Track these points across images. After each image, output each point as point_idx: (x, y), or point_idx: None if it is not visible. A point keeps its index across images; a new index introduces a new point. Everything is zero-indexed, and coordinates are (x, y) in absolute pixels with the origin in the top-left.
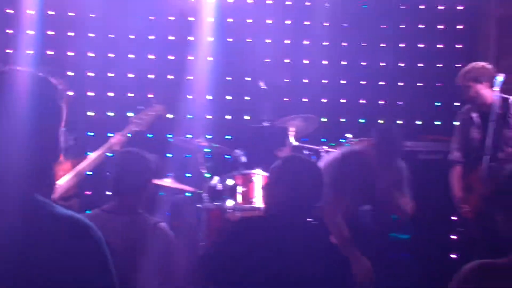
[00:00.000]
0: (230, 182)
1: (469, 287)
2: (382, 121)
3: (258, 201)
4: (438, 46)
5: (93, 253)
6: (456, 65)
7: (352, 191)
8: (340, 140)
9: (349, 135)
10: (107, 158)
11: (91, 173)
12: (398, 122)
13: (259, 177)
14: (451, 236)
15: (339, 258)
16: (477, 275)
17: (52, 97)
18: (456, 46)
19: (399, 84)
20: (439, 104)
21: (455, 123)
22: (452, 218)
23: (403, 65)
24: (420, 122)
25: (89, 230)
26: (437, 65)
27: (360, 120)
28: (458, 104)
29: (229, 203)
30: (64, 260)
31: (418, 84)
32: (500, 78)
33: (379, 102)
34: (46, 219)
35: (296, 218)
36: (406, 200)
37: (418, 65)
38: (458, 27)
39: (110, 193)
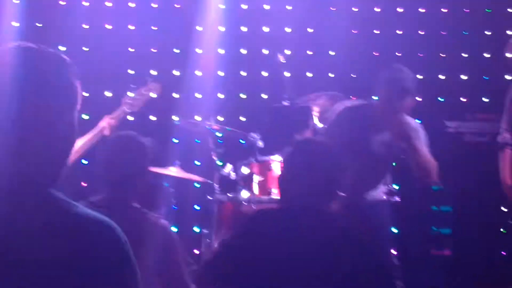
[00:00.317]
0: (245, 170)
1: None
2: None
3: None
4: (486, 11)
5: (120, 259)
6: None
7: (353, 153)
8: None
9: None
10: (97, 144)
11: (86, 162)
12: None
13: (278, 164)
14: (501, 228)
15: (363, 251)
16: None
17: (65, 75)
18: (508, 10)
19: (441, 55)
20: (487, 78)
21: (505, 100)
22: (502, 207)
23: (444, 33)
24: (464, 100)
25: (114, 232)
26: (485, 33)
27: None
28: (510, 77)
29: (245, 194)
30: (85, 265)
31: (462, 55)
32: None
33: (417, 77)
34: (64, 218)
35: (313, 209)
36: (429, 160)
37: (463, 33)
38: None
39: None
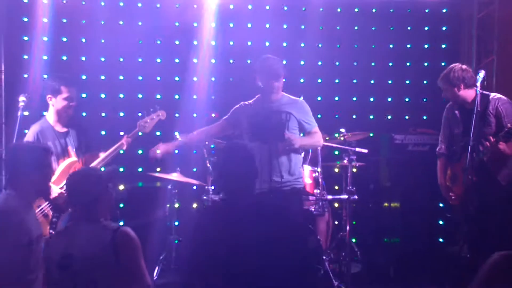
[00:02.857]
0: None
1: (498, 275)
2: None
3: None
4: (425, 46)
5: None
6: (441, 64)
7: None
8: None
9: (342, 130)
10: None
11: None
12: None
13: None
14: (439, 222)
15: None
16: (506, 264)
17: None
18: (441, 46)
19: (389, 82)
20: (426, 100)
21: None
22: (440, 204)
23: (391, 64)
24: (408, 117)
25: None
26: (424, 64)
27: (353, 116)
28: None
29: None
30: None
31: (406, 81)
32: (481, 74)
33: (370, 99)
34: None
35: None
36: None
37: (407, 64)
38: (442, 28)
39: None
